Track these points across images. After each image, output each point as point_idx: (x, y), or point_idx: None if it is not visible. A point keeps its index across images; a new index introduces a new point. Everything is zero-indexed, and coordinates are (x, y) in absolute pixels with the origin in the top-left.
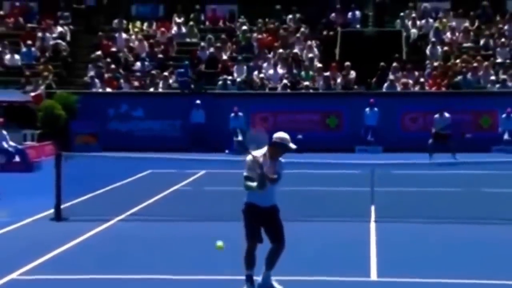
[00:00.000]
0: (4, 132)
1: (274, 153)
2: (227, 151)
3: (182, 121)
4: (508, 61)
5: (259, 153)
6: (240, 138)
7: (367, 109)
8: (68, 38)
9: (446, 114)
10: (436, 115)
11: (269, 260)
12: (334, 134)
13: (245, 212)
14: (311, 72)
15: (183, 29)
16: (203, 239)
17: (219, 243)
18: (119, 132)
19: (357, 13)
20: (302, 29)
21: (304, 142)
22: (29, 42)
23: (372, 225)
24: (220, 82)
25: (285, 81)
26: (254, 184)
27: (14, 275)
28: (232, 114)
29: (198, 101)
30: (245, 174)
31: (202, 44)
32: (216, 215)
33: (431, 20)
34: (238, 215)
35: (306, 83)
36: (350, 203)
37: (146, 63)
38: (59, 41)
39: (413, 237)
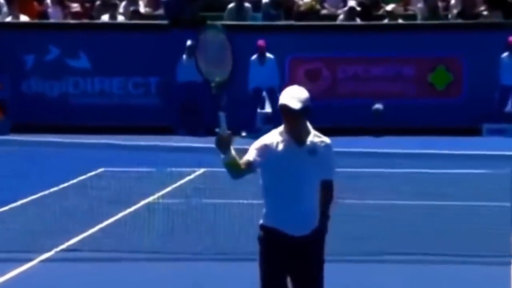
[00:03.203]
0: None
1: (303, 131)
2: (244, 133)
3: (161, 77)
4: None
5: (272, 136)
6: (268, 109)
7: (505, 54)
8: None
9: None
10: None
11: None
12: (443, 102)
13: (262, 245)
14: None
15: None
16: None
17: None
18: (43, 97)
19: None
20: None
21: (386, 116)
22: None
23: None
24: (231, 6)
25: (351, 3)
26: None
27: None
28: (254, 58)
29: (190, 42)
30: (249, 158)
31: None
32: (217, 248)
33: None
34: (251, 250)
35: (391, 7)
36: (476, 229)
37: None
38: None
39: None
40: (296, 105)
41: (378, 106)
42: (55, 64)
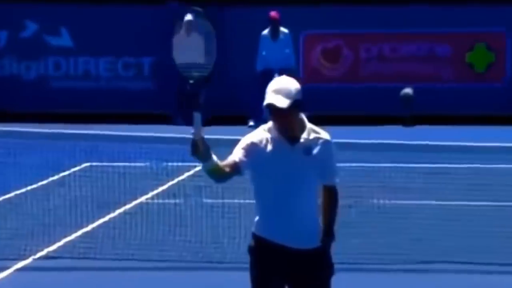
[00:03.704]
0: None
1: (296, 127)
2: (251, 122)
3: (156, 57)
4: None
5: (260, 133)
6: None
7: None
8: None
9: None
10: None
11: None
12: (483, 86)
13: (254, 255)
14: None
15: None
16: None
17: None
18: (19, 80)
19: None
20: None
21: (417, 103)
22: None
23: None
24: None
25: None
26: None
27: None
28: (265, 33)
29: (189, 16)
30: (235, 158)
31: None
32: (219, 255)
33: None
34: None
35: None
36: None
37: None
38: None
39: None
40: (283, 102)
41: (408, 90)
42: (32, 42)
